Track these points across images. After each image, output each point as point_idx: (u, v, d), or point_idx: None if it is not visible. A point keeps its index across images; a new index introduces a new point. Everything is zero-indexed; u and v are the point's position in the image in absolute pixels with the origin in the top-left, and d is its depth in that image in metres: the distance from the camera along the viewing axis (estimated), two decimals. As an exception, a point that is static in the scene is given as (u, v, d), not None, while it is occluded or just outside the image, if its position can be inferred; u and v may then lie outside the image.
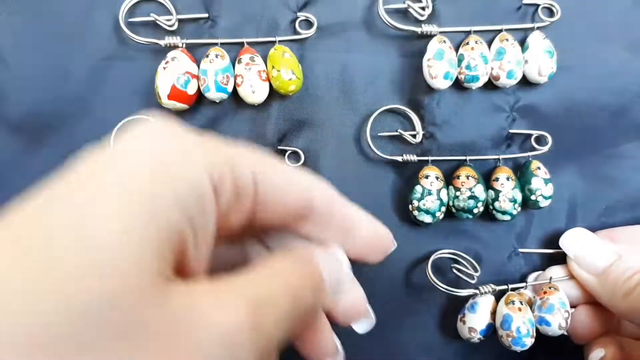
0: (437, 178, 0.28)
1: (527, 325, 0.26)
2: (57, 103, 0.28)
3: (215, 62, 0.27)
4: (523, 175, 0.28)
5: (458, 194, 0.27)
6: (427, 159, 0.28)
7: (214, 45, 0.28)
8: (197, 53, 0.28)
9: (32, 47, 0.28)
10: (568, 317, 0.27)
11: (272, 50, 0.27)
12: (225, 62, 0.27)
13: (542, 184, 0.28)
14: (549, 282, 0.28)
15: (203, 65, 0.27)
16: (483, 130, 0.29)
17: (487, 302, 0.28)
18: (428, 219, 0.28)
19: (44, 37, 0.28)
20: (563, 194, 0.29)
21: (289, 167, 0.20)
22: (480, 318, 0.28)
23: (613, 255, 0.27)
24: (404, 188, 0.29)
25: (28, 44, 0.28)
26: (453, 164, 0.29)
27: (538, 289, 0.28)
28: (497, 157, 0.29)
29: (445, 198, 0.28)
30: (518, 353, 0.27)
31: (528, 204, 0.28)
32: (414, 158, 0.28)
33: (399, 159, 0.28)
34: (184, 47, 0.28)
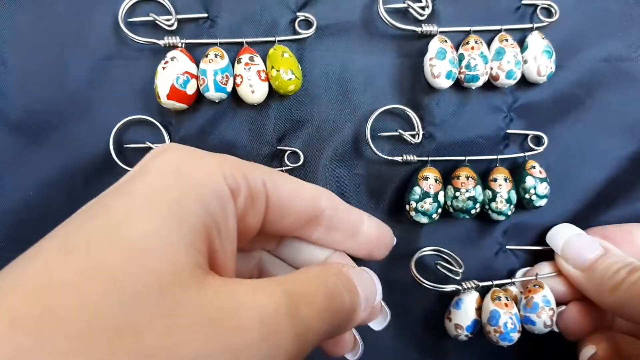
0: (436, 180, 0.28)
1: (513, 321, 0.27)
2: (56, 102, 0.28)
3: (215, 62, 0.27)
4: (518, 175, 0.28)
5: (457, 195, 0.27)
6: (426, 159, 0.28)
7: (213, 45, 0.28)
8: (196, 53, 0.28)
9: (31, 46, 0.28)
10: (553, 314, 0.27)
11: (271, 50, 0.27)
12: (225, 62, 0.27)
13: (536, 183, 0.28)
14: (535, 278, 0.28)
15: (202, 65, 0.27)
16: (481, 131, 0.29)
17: (471, 298, 0.28)
18: (424, 220, 0.28)
19: (44, 36, 0.28)
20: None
21: (295, 178, 0.23)
22: (466, 314, 0.28)
23: (599, 249, 0.26)
24: (403, 188, 0.29)
25: (27, 43, 0.28)
26: (452, 164, 0.29)
27: (525, 286, 0.28)
28: (495, 157, 0.29)
29: (442, 200, 0.28)
30: (507, 349, 0.27)
31: (523, 203, 0.28)
32: (414, 158, 0.28)
33: (399, 159, 0.28)
34: (183, 47, 0.28)
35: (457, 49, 0.28)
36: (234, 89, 0.27)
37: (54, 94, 0.28)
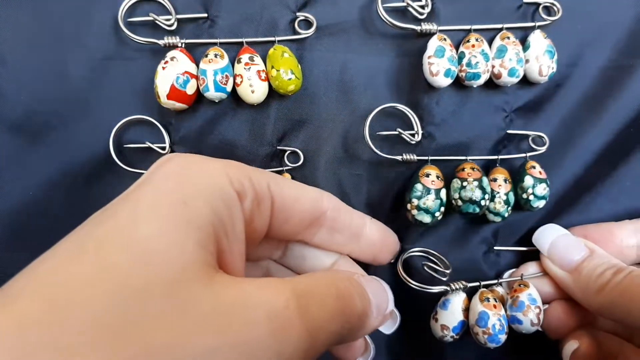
0: (437, 177, 0.27)
1: (502, 322, 0.26)
2: (56, 102, 0.28)
3: (215, 61, 0.27)
4: (517, 174, 0.28)
5: (465, 184, 0.27)
6: (426, 159, 0.28)
7: (213, 45, 0.28)
8: (196, 53, 0.28)
9: (31, 46, 0.28)
10: (540, 312, 0.27)
11: (271, 50, 0.27)
12: (225, 61, 0.27)
13: (534, 183, 0.27)
14: (520, 279, 0.28)
15: (202, 65, 0.27)
16: (482, 130, 0.29)
17: (459, 299, 0.28)
18: (427, 219, 0.27)
19: (43, 36, 0.28)
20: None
21: (297, 182, 0.23)
22: (453, 315, 0.27)
23: (585, 251, 0.26)
24: (402, 188, 0.29)
25: (27, 43, 0.28)
26: (452, 164, 0.29)
27: (511, 286, 0.28)
28: (496, 157, 0.29)
29: (445, 199, 0.27)
30: (494, 350, 0.27)
31: (521, 204, 0.28)
32: (414, 157, 0.28)
33: (399, 159, 0.28)
34: (183, 46, 0.28)
35: (457, 48, 0.28)
36: (234, 89, 0.27)
37: (54, 94, 0.28)
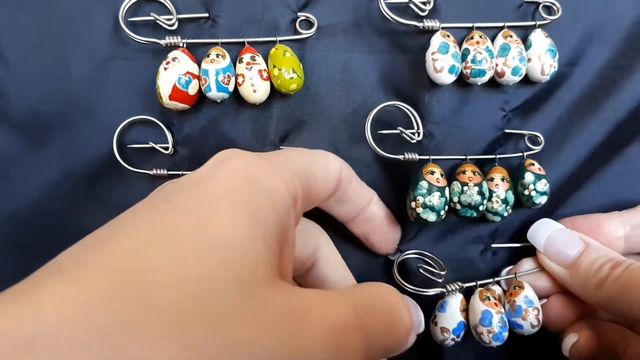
0: (441, 175, 0.27)
1: (504, 320, 0.26)
2: (58, 103, 0.28)
3: (217, 61, 0.27)
4: (516, 172, 0.28)
5: (465, 189, 0.27)
6: (428, 158, 0.28)
7: (215, 45, 0.28)
8: (197, 53, 0.28)
9: (32, 47, 0.28)
10: (538, 313, 0.27)
11: (273, 50, 0.27)
12: (226, 61, 0.27)
13: (535, 179, 0.27)
14: (515, 277, 0.28)
15: (204, 65, 0.27)
16: (481, 129, 0.29)
17: (456, 300, 0.27)
18: (432, 217, 0.27)
19: (45, 37, 0.28)
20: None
21: (322, 152, 0.23)
22: (452, 317, 0.27)
23: (581, 245, 0.26)
24: (402, 188, 0.29)
25: (29, 44, 0.28)
26: (452, 163, 0.29)
27: (508, 285, 0.28)
28: (495, 156, 0.29)
29: (448, 197, 0.27)
30: (493, 352, 0.27)
31: (523, 201, 0.28)
32: (416, 157, 0.28)
33: (401, 158, 0.28)
34: (185, 46, 0.28)
35: (459, 46, 0.28)
36: (236, 89, 0.27)
37: (56, 95, 0.28)
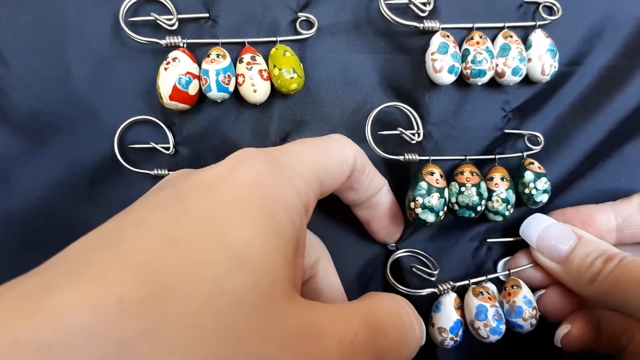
0: (441, 176, 0.27)
1: (499, 312, 0.27)
2: (58, 103, 0.28)
3: (217, 62, 0.27)
4: (517, 171, 0.28)
5: (463, 190, 0.27)
6: (427, 158, 0.28)
7: (215, 45, 0.28)
8: (198, 53, 0.28)
9: (33, 47, 0.28)
10: (537, 312, 0.27)
11: (273, 50, 0.27)
12: (227, 61, 0.27)
13: (535, 177, 0.27)
14: (508, 273, 0.28)
15: (204, 65, 0.27)
16: (480, 130, 0.29)
17: (450, 299, 0.27)
18: (431, 218, 0.27)
19: (45, 37, 0.28)
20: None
21: (337, 142, 0.23)
22: (447, 316, 0.27)
23: (573, 239, 0.26)
24: (402, 188, 0.29)
25: (29, 44, 0.28)
26: (452, 164, 0.29)
27: (506, 282, 0.28)
28: (495, 156, 0.29)
29: (447, 198, 0.27)
30: (489, 350, 0.27)
31: (523, 200, 0.28)
32: (416, 157, 0.28)
33: (401, 158, 0.28)
34: (185, 46, 0.27)
35: (459, 46, 0.28)
36: (237, 89, 0.27)
37: (57, 95, 0.28)
